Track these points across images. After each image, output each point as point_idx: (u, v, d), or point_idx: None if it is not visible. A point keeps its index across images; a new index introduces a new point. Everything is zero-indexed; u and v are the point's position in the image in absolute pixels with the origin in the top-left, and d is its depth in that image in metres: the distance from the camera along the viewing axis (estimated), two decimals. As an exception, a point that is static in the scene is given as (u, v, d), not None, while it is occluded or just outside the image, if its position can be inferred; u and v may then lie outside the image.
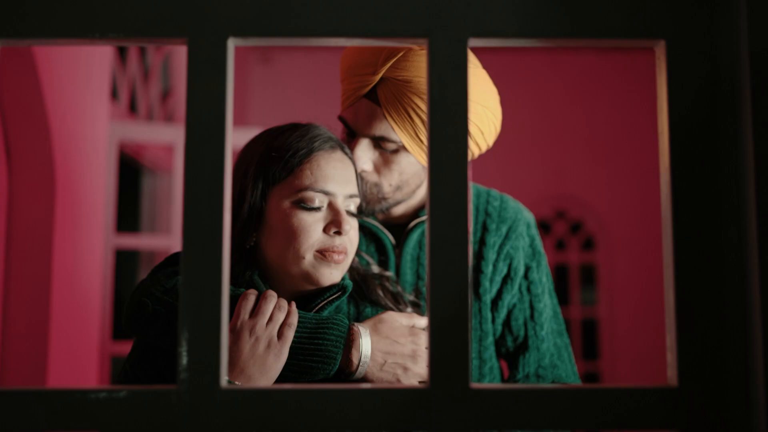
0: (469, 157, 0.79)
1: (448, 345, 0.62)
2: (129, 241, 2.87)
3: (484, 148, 1.29)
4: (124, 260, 3.31)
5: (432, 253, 0.62)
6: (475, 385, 0.61)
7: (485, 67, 1.27)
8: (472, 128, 1.21)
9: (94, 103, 2.28)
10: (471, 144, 1.23)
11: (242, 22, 0.65)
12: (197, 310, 0.61)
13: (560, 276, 5.16)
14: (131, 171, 3.42)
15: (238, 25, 0.65)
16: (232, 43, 0.65)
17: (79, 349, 2.23)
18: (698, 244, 0.63)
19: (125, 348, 2.91)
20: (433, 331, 0.61)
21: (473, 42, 0.65)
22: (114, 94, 2.92)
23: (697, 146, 0.64)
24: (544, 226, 5.27)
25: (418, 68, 1.16)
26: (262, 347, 0.97)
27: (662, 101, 0.66)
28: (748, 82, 0.62)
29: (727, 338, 0.63)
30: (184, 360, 0.61)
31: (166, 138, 2.66)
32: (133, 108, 3.25)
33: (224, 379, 0.62)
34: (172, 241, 2.75)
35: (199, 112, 0.64)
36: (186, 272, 0.61)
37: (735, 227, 0.63)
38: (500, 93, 1.28)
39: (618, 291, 5.05)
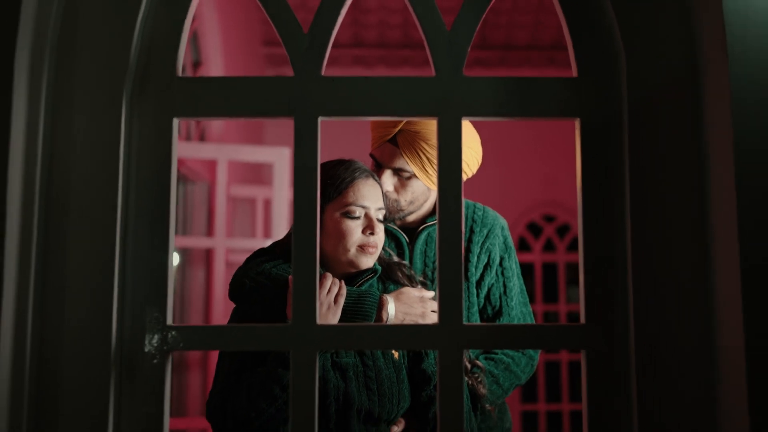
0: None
1: (450, 301, 1.05)
2: (177, 241, 3.27)
3: (470, 174, 1.78)
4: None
5: (440, 247, 1.05)
6: (465, 324, 1.05)
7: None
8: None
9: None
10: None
11: (326, 107, 1.07)
12: (302, 279, 1.05)
13: (549, 274, 5.50)
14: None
15: (323, 109, 1.07)
16: (319, 119, 1.08)
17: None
18: (599, 239, 1.06)
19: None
20: (441, 293, 1.04)
21: (465, 118, 1.09)
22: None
23: (600, 183, 1.07)
24: (534, 229, 5.69)
25: (425, 124, 1.66)
26: (324, 309, 1.42)
27: (578, 156, 1.08)
28: (627, 149, 1.06)
29: (615, 293, 1.05)
30: (295, 308, 1.04)
31: (212, 155, 3.13)
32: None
33: (317, 320, 1.05)
34: (216, 242, 3.18)
35: (300, 161, 1.07)
36: (296, 260, 1.04)
37: (621, 231, 1.06)
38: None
39: (600, 288, 5.41)
